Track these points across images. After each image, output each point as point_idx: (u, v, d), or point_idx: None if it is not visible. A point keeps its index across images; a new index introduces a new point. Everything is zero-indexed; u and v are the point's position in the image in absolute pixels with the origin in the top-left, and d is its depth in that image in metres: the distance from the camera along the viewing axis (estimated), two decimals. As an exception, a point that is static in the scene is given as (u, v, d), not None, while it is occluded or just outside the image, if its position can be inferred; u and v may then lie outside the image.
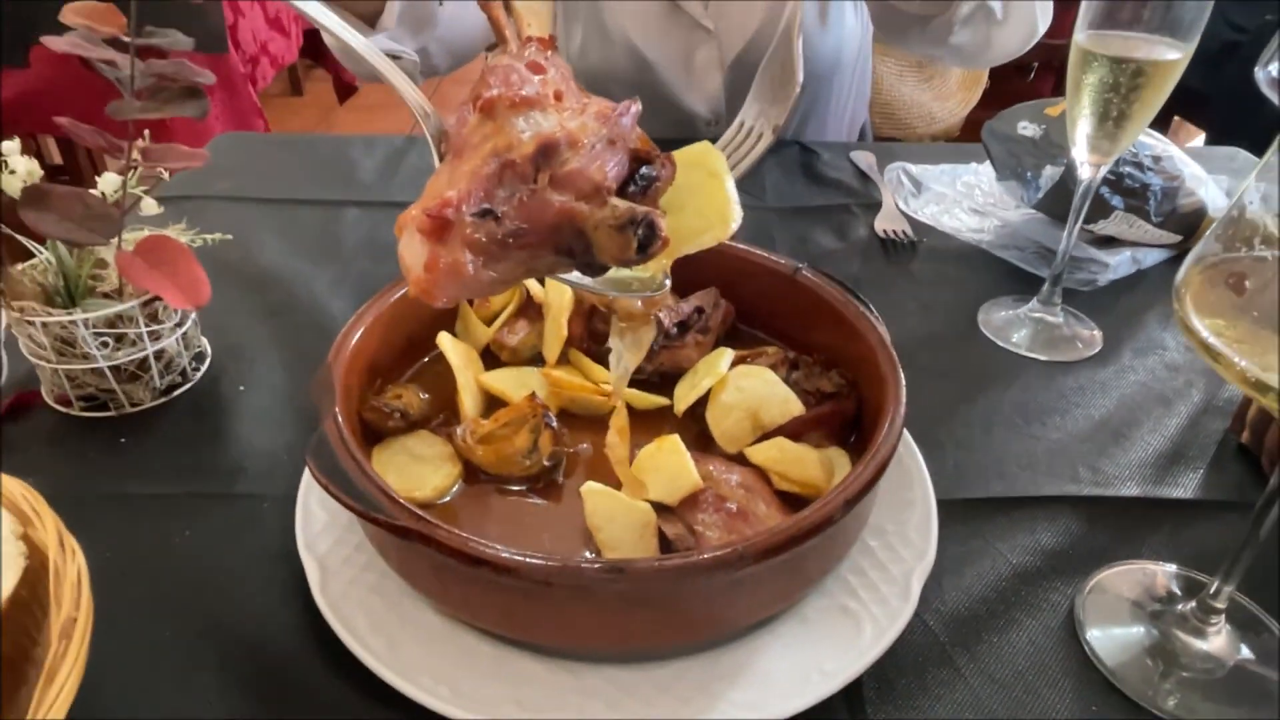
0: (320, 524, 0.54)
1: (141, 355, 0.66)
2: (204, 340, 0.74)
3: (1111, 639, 0.52)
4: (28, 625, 0.44)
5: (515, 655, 0.47)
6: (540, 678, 0.46)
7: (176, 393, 0.69)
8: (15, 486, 0.46)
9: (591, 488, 0.50)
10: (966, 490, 0.62)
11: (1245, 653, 0.52)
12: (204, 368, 0.72)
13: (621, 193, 0.33)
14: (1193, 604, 0.52)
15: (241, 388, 0.70)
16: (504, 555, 0.42)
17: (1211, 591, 0.51)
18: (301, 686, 0.48)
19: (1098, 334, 0.80)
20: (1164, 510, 0.62)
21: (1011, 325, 0.80)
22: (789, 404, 0.56)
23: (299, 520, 0.54)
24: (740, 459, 0.56)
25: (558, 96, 0.33)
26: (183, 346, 0.69)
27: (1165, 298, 0.86)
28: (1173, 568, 0.56)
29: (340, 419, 0.50)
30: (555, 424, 0.56)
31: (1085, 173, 0.73)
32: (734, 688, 0.46)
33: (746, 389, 0.57)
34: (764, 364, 0.60)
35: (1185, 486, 0.63)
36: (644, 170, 0.34)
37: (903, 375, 0.55)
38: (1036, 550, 0.58)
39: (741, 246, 0.68)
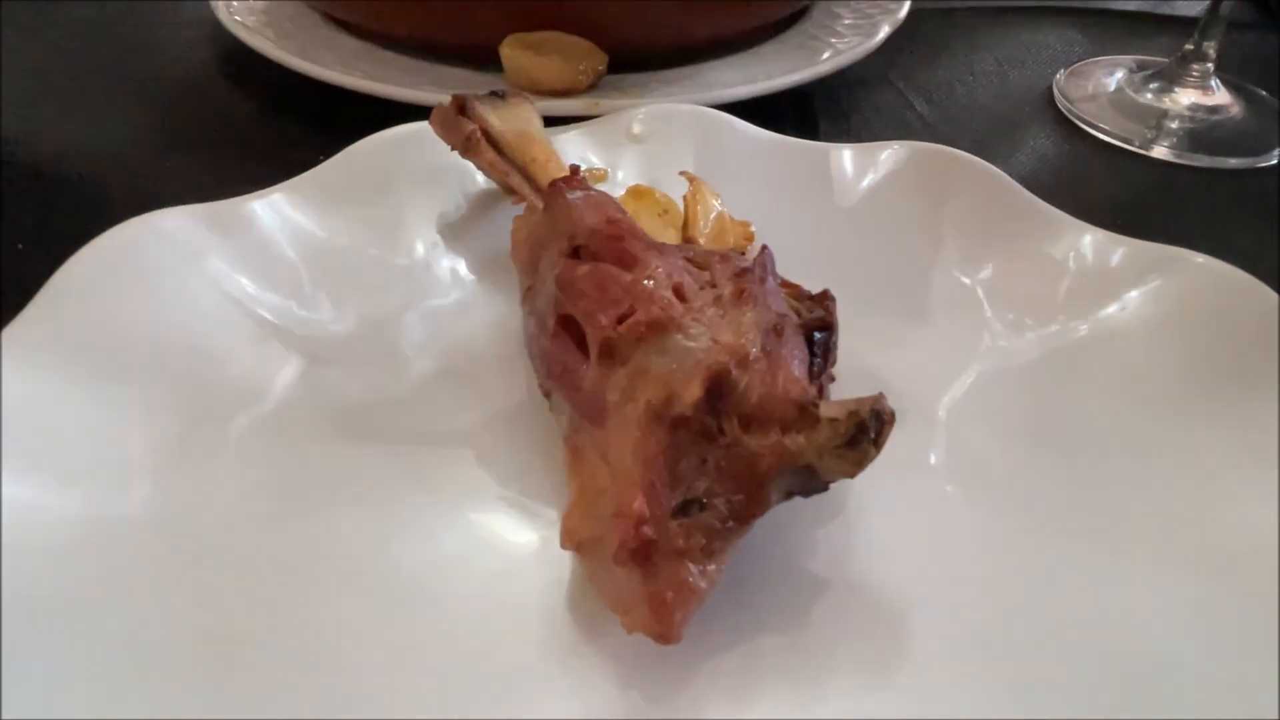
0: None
1: None
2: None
3: (1093, 99, 0.48)
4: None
5: (440, 66, 0.43)
6: (463, 75, 0.42)
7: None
8: None
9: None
10: (949, 4, 0.57)
11: (1236, 106, 0.48)
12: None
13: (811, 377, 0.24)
14: (1174, 59, 0.48)
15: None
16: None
17: (1195, 39, 0.47)
18: (219, 105, 0.44)
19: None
20: (1164, 22, 0.57)
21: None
22: None
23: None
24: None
25: (678, 291, 0.23)
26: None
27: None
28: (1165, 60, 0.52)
29: None
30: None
31: None
32: (677, 83, 0.42)
33: None
34: None
35: (1189, 9, 0.58)
36: (818, 335, 0.25)
37: None
38: (1019, 45, 0.54)
39: None
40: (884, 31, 0.46)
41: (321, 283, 0.32)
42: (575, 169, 0.30)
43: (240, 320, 0.30)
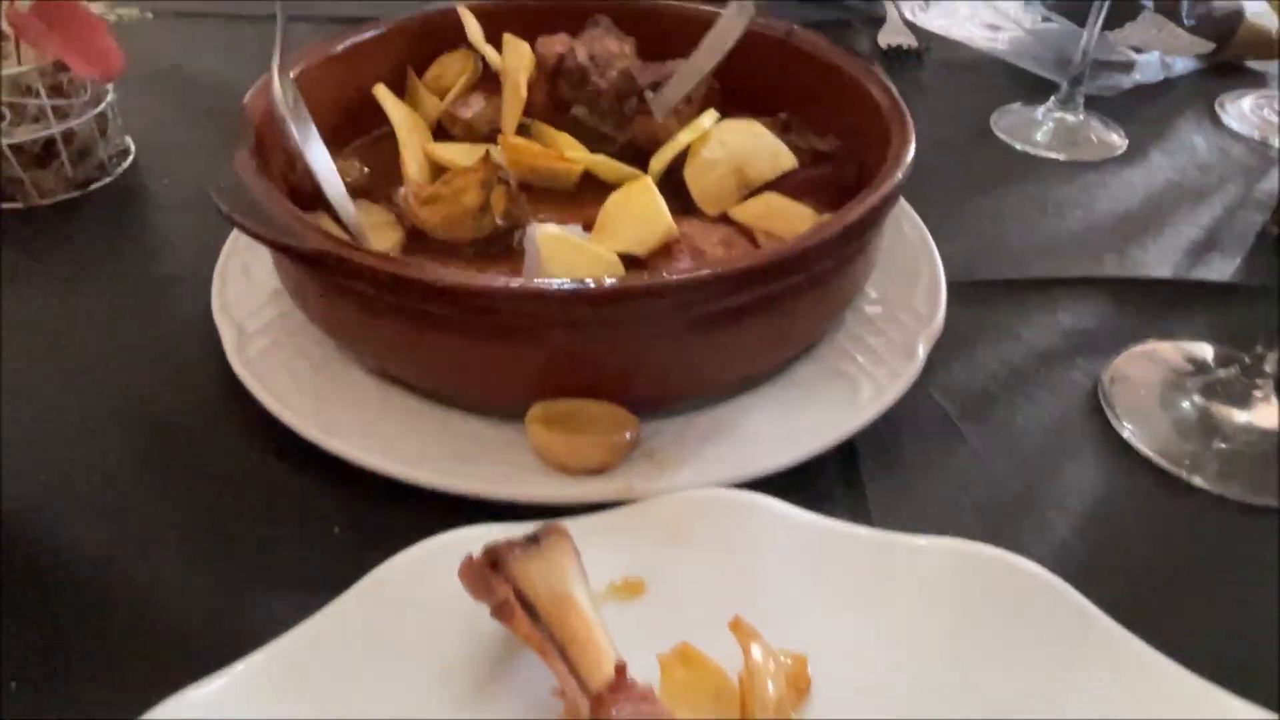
0: (239, 292, 0.47)
1: (46, 134, 0.58)
2: (127, 139, 0.66)
3: (1141, 411, 0.46)
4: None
5: (461, 416, 0.41)
6: (487, 436, 0.40)
7: (93, 187, 0.61)
8: None
9: (548, 232, 0.43)
10: (979, 274, 0.55)
11: (1294, 425, 0.46)
12: (126, 164, 0.64)
13: None
14: (1234, 370, 0.46)
15: (166, 181, 0.63)
16: (439, 275, 0.35)
17: (1257, 353, 0.45)
18: (217, 458, 0.42)
19: (1123, 137, 0.72)
20: (1198, 293, 0.55)
21: (1027, 126, 0.72)
22: (780, 157, 0.49)
23: (216, 288, 0.47)
24: (723, 221, 0.49)
25: None
26: (99, 133, 0.61)
27: (1195, 105, 0.78)
28: (1209, 346, 0.50)
29: (254, 155, 0.43)
30: (511, 180, 0.48)
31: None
32: (711, 444, 0.40)
33: (730, 143, 0.49)
34: (751, 123, 0.52)
35: (1221, 271, 0.57)
36: None
37: (911, 121, 0.48)
38: (1056, 330, 0.52)
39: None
40: (922, 351, 0.45)
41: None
42: (622, 669, 0.27)
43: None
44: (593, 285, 0.35)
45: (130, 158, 0.65)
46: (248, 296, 0.47)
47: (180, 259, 0.54)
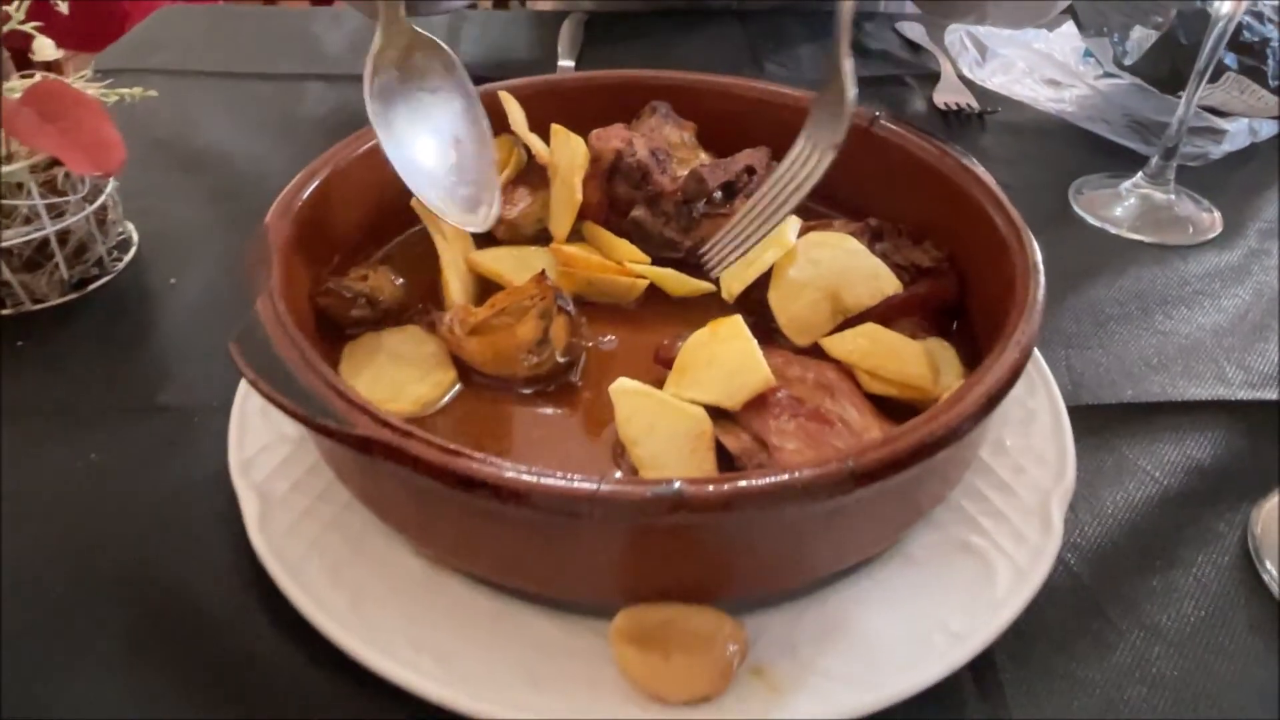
0: (261, 442, 0.41)
1: (39, 235, 0.51)
2: (129, 226, 0.60)
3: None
4: None
5: (526, 611, 0.34)
6: (559, 643, 0.33)
7: (91, 287, 0.55)
8: None
9: (625, 386, 0.37)
10: (1089, 395, 0.49)
11: None
12: (127, 258, 0.58)
13: None
14: None
15: (173, 281, 0.56)
16: (510, 475, 0.29)
17: None
18: (235, 657, 0.35)
19: (1216, 215, 0.66)
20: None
21: (1112, 204, 0.66)
22: (880, 279, 0.43)
23: (233, 438, 0.41)
24: (815, 353, 0.42)
25: None
26: (97, 229, 0.55)
27: (1287, 175, 0.72)
28: (1365, 488, 0.44)
29: (279, 296, 0.37)
30: (572, 308, 0.42)
31: (1225, 7, 0.59)
32: (828, 653, 0.33)
33: (823, 262, 0.43)
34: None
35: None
36: None
37: (1033, 238, 0.42)
38: (1188, 468, 0.45)
39: (796, 93, 0.54)
40: (1058, 516, 0.38)
41: None
42: None
43: None
44: (701, 490, 0.29)
45: (132, 250, 0.58)
46: (270, 448, 0.40)
47: (190, 384, 0.48)
